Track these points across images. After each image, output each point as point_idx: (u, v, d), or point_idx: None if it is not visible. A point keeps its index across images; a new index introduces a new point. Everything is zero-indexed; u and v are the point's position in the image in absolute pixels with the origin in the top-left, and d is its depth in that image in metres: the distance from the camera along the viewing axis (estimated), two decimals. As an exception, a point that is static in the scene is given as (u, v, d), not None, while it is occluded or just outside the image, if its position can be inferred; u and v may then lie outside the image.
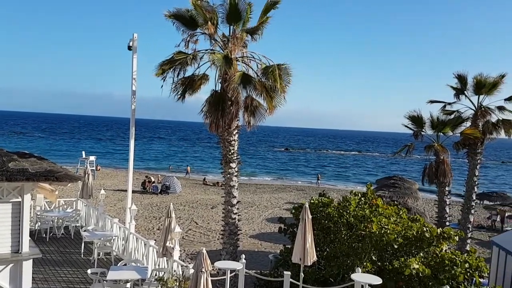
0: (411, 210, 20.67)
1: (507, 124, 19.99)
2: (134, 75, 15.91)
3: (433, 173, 19.42)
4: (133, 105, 16.05)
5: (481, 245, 25.61)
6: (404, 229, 12.33)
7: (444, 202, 19.92)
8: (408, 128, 20.30)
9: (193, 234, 24.58)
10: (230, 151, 14.42)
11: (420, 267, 11.05)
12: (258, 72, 14.01)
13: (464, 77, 20.45)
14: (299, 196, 41.34)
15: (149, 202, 33.92)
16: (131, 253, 14.11)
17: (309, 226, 9.72)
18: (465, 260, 11.72)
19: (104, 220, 16.87)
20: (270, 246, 22.98)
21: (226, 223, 14.65)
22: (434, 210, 21.48)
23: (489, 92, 20.09)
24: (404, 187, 27.52)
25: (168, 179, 40.41)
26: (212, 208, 32.73)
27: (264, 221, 29.42)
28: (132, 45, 15.84)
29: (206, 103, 13.86)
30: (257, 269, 17.03)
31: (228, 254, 14.42)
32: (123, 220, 18.07)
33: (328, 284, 11.96)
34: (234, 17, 13.56)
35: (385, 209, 13.41)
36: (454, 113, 20.55)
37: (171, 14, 13.71)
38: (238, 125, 14.52)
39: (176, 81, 13.87)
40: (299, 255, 9.75)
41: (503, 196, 36.06)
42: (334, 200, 14.43)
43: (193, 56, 13.69)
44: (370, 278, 9.67)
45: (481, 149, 20.51)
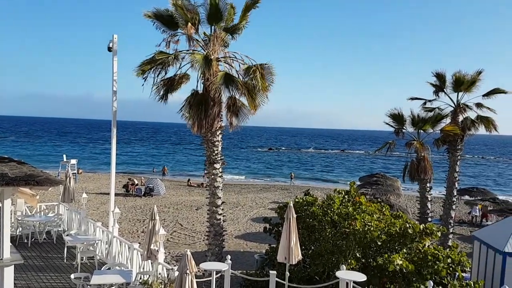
0: (394, 206, 20.94)
1: (485, 121, 20.43)
2: (115, 76, 15.78)
3: (414, 170, 19.71)
4: (114, 107, 15.88)
5: (463, 240, 26.14)
6: (387, 225, 12.47)
7: (425, 198, 20.24)
8: (389, 125, 20.55)
9: (178, 236, 24.44)
10: (214, 151, 14.37)
11: (404, 263, 11.19)
12: (241, 72, 14.00)
13: (442, 75, 20.83)
14: (283, 196, 41.47)
15: (132, 204, 33.58)
16: (115, 257, 13.96)
17: (293, 225, 9.78)
18: (447, 255, 11.91)
19: (86, 224, 16.66)
20: (255, 246, 23.01)
21: (211, 224, 14.60)
22: (416, 207, 21.80)
23: (467, 89, 20.50)
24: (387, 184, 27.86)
25: (151, 181, 40.05)
26: (197, 209, 32.60)
27: (249, 221, 29.44)
28: (112, 46, 15.70)
29: (186, 104, 13.74)
30: (243, 269, 17.04)
31: (213, 255, 14.37)
32: (106, 223, 17.84)
33: (314, 282, 12.02)
34: (215, 17, 13.52)
35: (368, 206, 13.55)
36: (434, 110, 20.89)
37: (150, 14, 13.58)
38: (222, 125, 14.47)
39: (158, 82, 13.75)
40: (284, 254, 9.80)
41: (483, 192, 36.81)
42: (318, 199, 14.53)
43: (175, 56, 13.59)
44: (355, 275, 9.76)
45: (461, 146, 20.92)
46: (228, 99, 14.12)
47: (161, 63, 13.44)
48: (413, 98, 21.49)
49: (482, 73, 20.56)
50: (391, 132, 20.48)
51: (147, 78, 13.58)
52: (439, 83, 20.93)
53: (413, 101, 21.57)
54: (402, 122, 20.17)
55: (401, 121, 20.17)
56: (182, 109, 13.78)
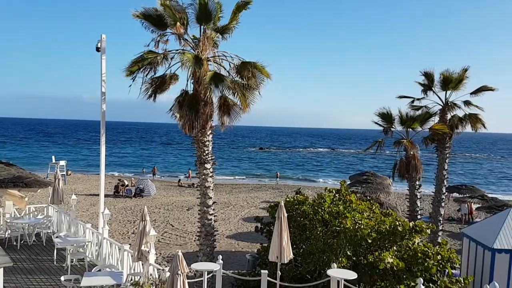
0: (384, 204, 21.09)
1: (473, 119, 20.65)
2: (104, 76, 15.68)
3: (404, 169, 19.85)
4: (103, 107, 15.79)
5: (452, 237, 26.41)
6: (377, 223, 12.55)
7: (415, 196, 20.39)
8: (378, 124, 20.66)
9: (169, 237, 24.36)
10: (205, 152, 14.34)
11: (394, 260, 11.27)
12: (231, 71, 13.98)
13: (430, 74, 21.00)
14: (275, 195, 41.54)
15: (123, 206, 33.38)
16: (105, 259, 13.88)
17: (285, 224, 9.81)
18: (437, 252, 12.01)
19: (76, 225, 16.52)
20: (247, 245, 23.01)
21: (202, 224, 14.57)
22: (406, 204, 21.98)
23: (455, 88, 20.68)
24: (376, 182, 28.08)
25: (142, 182, 39.83)
26: (188, 209, 32.51)
27: (240, 221, 29.43)
28: (100, 46, 15.61)
29: (176, 104, 13.68)
30: (235, 269, 17.05)
31: (205, 255, 14.35)
32: (96, 225, 17.74)
33: (305, 281, 12.07)
34: (204, 17, 13.47)
35: (358, 204, 13.64)
36: (422, 109, 21.05)
37: (139, 13, 13.49)
38: (212, 125, 14.45)
39: (146, 81, 13.67)
40: (276, 253, 9.82)
41: (472, 189, 37.21)
42: (309, 198, 14.58)
43: (164, 56, 13.52)
44: (346, 273, 9.84)
45: (449, 144, 21.12)
46: (219, 98, 14.09)
47: (150, 62, 13.35)
48: (402, 96, 21.63)
49: (468, 70, 20.76)
50: (381, 131, 20.61)
51: (135, 78, 13.49)
52: (427, 82, 21.10)
53: (402, 99, 21.73)
54: (391, 121, 20.28)
55: (389, 120, 20.29)
56: (172, 109, 13.71)
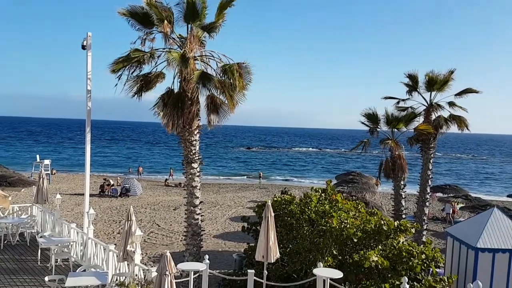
0: (369, 204, 21.28)
1: (457, 119, 20.97)
2: (89, 74, 15.53)
3: (389, 168, 20.07)
4: (89, 106, 15.63)
5: (436, 236, 26.74)
6: (362, 223, 12.66)
7: (400, 195, 20.63)
8: (364, 125, 20.86)
9: (155, 237, 24.21)
10: (192, 151, 14.29)
11: (379, 259, 11.38)
12: (218, 70, 13.94)
13: (414, 76, 21.27)
14: (262, 195, 41.58)
15: (108, 205, 33.07)
16: (90, 259, 13.78)
17: (272, 224, 9.83)
18: (421, 251, 12.15)
19: (61, 225, 16.36)
20: (234, 245, 23.00)
21: (188, 224, 14.52)
22: (391, 204, 22.19)
23: (440, 89, 20.98)
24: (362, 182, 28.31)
25: (128, 181, 39.48)
26: (175, 209, 32.36)
27: (227, 220, 29.39)
28: (86, 44, 15.46)
29: (160, 102, 13.59)
30: (222, 268, 17.03)
31: (191, 255, 14.30)
32: (81, 225, 17.54)
33: (291, 280, 12.12)
34: (192, 15, 13.41)
35: (344, 204, 13.73)
36: (407, 109, 21.31)
37: (125, 12, 13.37)
38: (199, 124, 14.40)
39: (132, 79, 13.55)
40: (262, 253, 9.84)
41: (456, 189, 37.76)
42: (296, 197, 14.63)
43: (151, 54, 13.43)
44: (331, 272, 9.90)
45: (434, 144, 21.41)
46: (207, 97, 14.06)
47: (137, 61, 13.26)
48: (387, 97, 21.87)
49: (454, 72, 21.09)
50: (367, 131, 20.80)
51: (121, 76, 13.37)
52: (412, 83, 21.37)
53: (388, 100, 21.96)
54: (377, 121, 20.49)
55: (375, 120, 20.49)
56: (156, 107, 13.60)
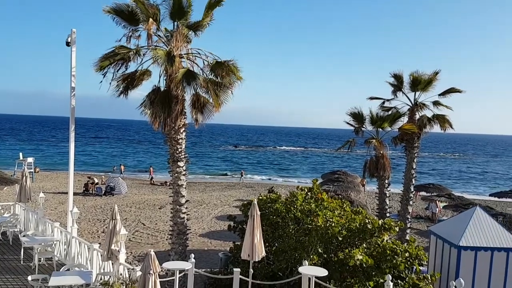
0: (354, 203, 21.49)
1: (441, 119, 21.26)
2: (73, 71, 15.35)
3: (374, 167, 20.27)
4: (73, 103, 15.45)
5: (420, 234, 27.10)
6: (347, 221, 12.78)
7: (384, 194, 20.83)
8: (349, 124, 21.01)
9: (140, 236, 24.05)
10: (178, 149, 14.21)
11: (364, 257, 11.50)
12: (205, 68, 13.89)
13: (399, 76, 21.46)
14: (248, 193, 41.62)
15: (92, 204, 32.73)
16: (74, 258, 13.64)
17: (257, 222, 9.85)
18: (405, 249, 12.32)
19: (44, 224, 16.14)
20: (220, 244, 22.98)
21: (174, 223, 14.45)
22: (375, 202, 22.40)
23: (424, 89, 21.20)
24: (348, 181, 28.59)
25: (112, 180, 39.11)
26: (160, 208, 32.18)
27: (213, 219, 29.35)
28: (71, 40, 15.28)
29: (147, 100, 13.49)
30: (207, 267, 17.00)
31: (177, 254, 14.24)
32: (64, 223, 17.37)
33: (277, 278, 12.17)
34: (178, 14, 13.32)
35: (329, 202, 13.85)
36: (392, 109, 21.52)
37: (110, 9, 13.22)
38: (185, 123, 14.33)
39: (117, 77, 13.42)
40: (248, 251, 9.85)
41: (439, 188, 38.33)
42: (282, 196, 14.69)
43: (136, 52, 13.31)
44: (317, 270, 9.97)
45: (417, 143, 21.64)
46: (192, 96, 13.99)
47: (122, 58, 13.11)
48: (372, 98, 22.05)
49: (439, 73, 21.35)
50: (352, 131, 20.96)
51: (106, 73, 13.23)
52: (397, 83, 21.58)
53: (373, 100, 22.14)
54: (362, 121, 20.65)
55: (360, 120, 20.65)
56: (143, 105, 13.50)
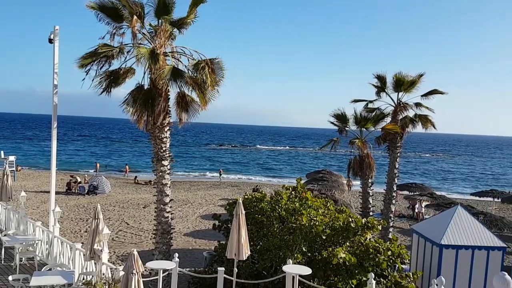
0: (338, 201, 21.68)
1: (423, 119, 21.59)
2: (56, 69, 15.12)
3: (358, 167, 20.47)
4: (55, 101, 15.23)
5: (402, 233, 27.45)
6: (331, 220, 12.87)
7: (367, 193, 21.06)
8: (334, 124, 21.18)
9: (123, 235, 23.84)
10: (162, 148, 14.11)
11: (347, 256, 11.59)
12: (190, 66, 13.80)
13: (383, 77, 21.73)
14: (233, 192, 41.60)
15: (75, 203, 32.32)
16: (56, 258, 13.46)
17: (242, 221, 9.86)
18: (387, 248, 12.43)
19: (25, 223, 15.89)
20: (204, 243, 22.93)
21: (158, 222, 14.35)
22: (359, 201, 22.63)
23: (407, 90, 21.48)
24: (332, 180, 28.83)
25: (96, 179, 38.67)
26: (144, 207, 31.95)
27: (198, 218, 29.27)
28: (53, 37, 15.06)
29: (130, 97, 13.36)
30: (192, 267, 16.95)
31: (161, 253, 14.15)
32: (46, 223, 17.10)
33: (261, 277, 12.20)
34: (162, 11, 13.21)
35: (314, 201, 13.92)
36: (375, 110, 21.75)
37: (94, 5, 13.05)
38: (170, 121, 14.24)
39: (101, 75, 13.26)
40: (234, 251, 9.85)
41: (421, 187, 38.89)
42: (267, 195, 14.72)
43: (120, 49, 13.16)
44: (301, 269, 10.02)
45: (400, 143, 21.92)
46: (177, 94, 13.90)
47: (105, 56, 12.96)
48: (356, 100, 22.29)
49: (423, 76, 21.63)
50: (336, 130, 21.14)
51: (89, 71, 13.06)
52: (380, 84, 21.83)
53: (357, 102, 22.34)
54: (346, 121, 20.84)
55: (344, 120, 20.84)
56: (126, 103, 13.35)
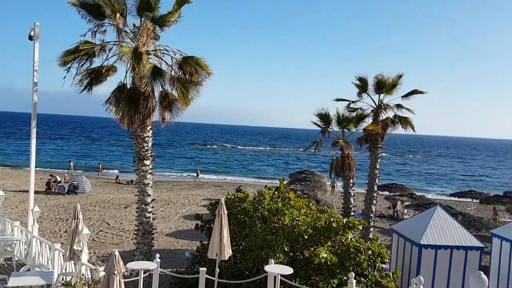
0: (320, 202, 21.85)
1: (403, 120, 21.93)
2: (36, 66, 14.86)
3: (339, 167, 20.67)
4: (35, 99, 14.97)
5: (383, 232, 27.80)
6: (313, 220, 12.96)
7: (349, 193, 21.27)
8: (316, 125, 21.34)
9: (104, 236, 23.56)
10: (144, 147, 13.99)
11: (328, 255, 11.69)
12: (173, 65, 13.73)
13: (364, 79, 21.96)
14: (216, 192, 41.50)
15: (55, 203, 31.78)
16: (35, 258, 13.26)
17: (225, 221, 9.85)
18: (368, 247, 12.58)
19: (3, 223, 15.60)
20: (187, 243, 22.82)
21: (139, 222, 14.23)
22: (341, 201, 22.85)
23: (388, 92, 21.80)
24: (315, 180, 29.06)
25: (76, 178, 38.08)
26: (126, 207, 31.62)
27: (181, 218, 29.10)
28: (34, 34, 14.80)
29: (113, 97, 13.21)
30: (174, 267, 16.85)
31: (142, 254, 14.03)
32: (25, 223, 16.80)
33: (243, 277, 12.21)
34: (145, 9, 13.09)
35: (296, 201, 14.00)
36: (357, 110, 22.00)
37: (75, 2, 12.86)
38: (153, 120, 14.14)
39: (82, 73, 13.08)
40: (215, 251, 9.84)
41: (401, 187, 39.49)
42: (249, 195, 14.74)
43: (102, 47, 12.99)
44: (282, 269, 10.06)
45: (381, 144, 22.21)
46: (160, 93, 13.81)
47: (87, 53, 12.78)
48: (339, 99, 22.48)
49: (402, 77, 21.99)
50: (319, 131, 21.30)
51: (70, 69, 12.86)
52: (362, 85, 22.08)
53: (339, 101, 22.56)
54: (329, 122, 21.01)
55: (327, 121, 21.00)
56: (108, 102, 13.21)
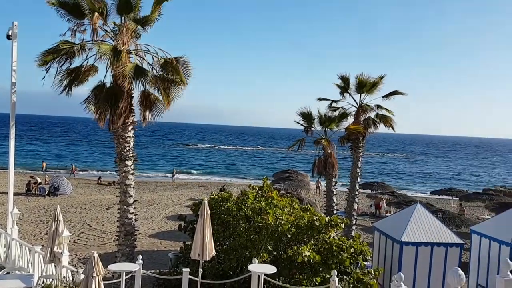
0: (304, 200, 21.96)
1: (384, 119, 22.20)
2: (14, 66, 14.58)
3: (322, 166, 20.82)
4: (13, 99, 14.69)
5: (365, 230, 28.11)
6: (296, 219, 13.00)
7: (331, 192, 21.42)
8: (299, 124, 21.44)
9: (86, 237, 23.24)
10: (125, 148, 13.85)
11: (311, 254, 11.76)
12: (155, 65, 13.62)
13: (346, 78, 22.13)
14: (200, 192, 41.34)
15: (35, 205, 31.22)
16: (15, 261, 13.08)
17: (208, 221, 9.82)
18: (350, 245, 12.67)
19: (-19, 226, 15.25)
20: (170, 244, 22.67)
21: (121, 223, 14.08)
22: (324, 200, 23.00)
23: (369, 91, 21.97)
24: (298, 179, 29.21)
25: (56, 180, 37.48)
26: (108, 208, 31.25)
27: (164, 219, 28.90)
28: (12, 33, 14.52)
29: (93, 96, 13.05)
30: (157, 268, 16.71)
31: (124, 255, 13.89)
32: (4, 225, 16.46)
33: (227, 277, 12.19)
34: (125, 8, 12.95)
35: (279, 201, 14.03)
36: (339, 110, 22.16)
37: (54, 1, 12.65)
38: (134, 120, 14.00)
39: (61, 73, 12.87)
40: (197, 251, 9.81)
41: (383, 186, 40.02)
42: (233, 195, 14.71)
43: (81, 47, 12.81)
44: (266, 268, 10.09)
45: (363, 143, 22.41)
46: (141, 93, 13.68)
47: (66, 53, 12.58)
48: (321, 99, 22.62)
49: (384, 77, 22.22)
50: (302, 130, 21.41)
51: (49, 69, 12.65)
52: (344, 85, 22.26)
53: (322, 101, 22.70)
54: (311, 121, 21.14)
55: (310, 120, 21.13)
56: (87, 101, 13.03)
